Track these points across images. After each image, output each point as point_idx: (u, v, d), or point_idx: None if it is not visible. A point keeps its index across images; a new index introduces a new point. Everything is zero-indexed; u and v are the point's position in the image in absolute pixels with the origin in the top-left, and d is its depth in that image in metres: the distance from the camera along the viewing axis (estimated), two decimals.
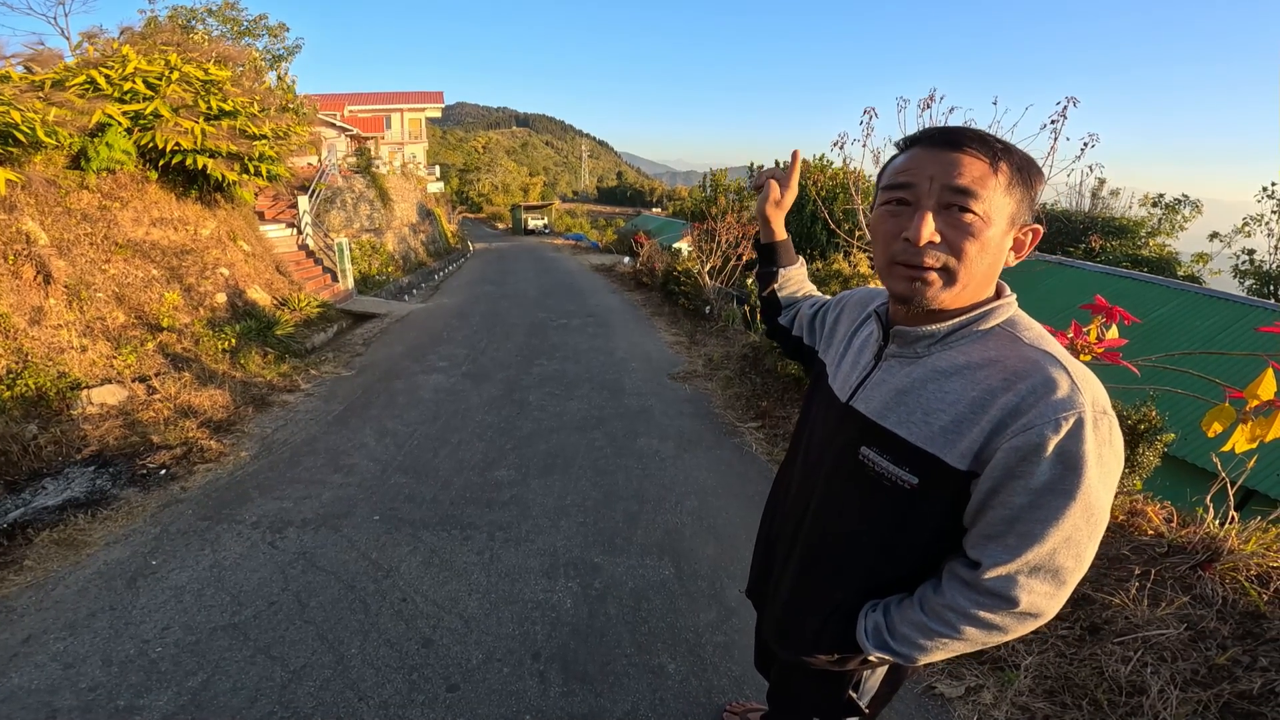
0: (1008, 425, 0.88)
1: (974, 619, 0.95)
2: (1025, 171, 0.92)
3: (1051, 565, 0.89)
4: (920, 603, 1.02)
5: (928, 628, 1.00)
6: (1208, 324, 9.94)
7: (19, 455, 4.12)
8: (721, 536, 3.61)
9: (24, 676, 2.46)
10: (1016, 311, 1.00)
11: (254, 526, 3.63)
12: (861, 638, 1.10)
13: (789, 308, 1.54)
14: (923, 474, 0.97)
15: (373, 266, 15.14)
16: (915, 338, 1.02)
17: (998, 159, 0.90)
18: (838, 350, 1.24)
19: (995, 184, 0.90)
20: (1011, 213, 0.93)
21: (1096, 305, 2.41)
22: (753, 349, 7.05)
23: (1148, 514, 3.09)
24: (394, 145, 33.42)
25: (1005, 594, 0.92)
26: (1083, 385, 0.87)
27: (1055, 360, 0.89)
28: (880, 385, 1.05)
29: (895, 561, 1.08)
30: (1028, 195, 0.93)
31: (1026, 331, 0.96)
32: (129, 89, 7.36)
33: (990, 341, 0.96)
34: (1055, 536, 0.87)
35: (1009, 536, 0.90)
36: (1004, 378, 0.91)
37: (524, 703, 2.40)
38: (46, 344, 5.14)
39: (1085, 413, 0.84)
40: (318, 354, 8.03)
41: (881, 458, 1.01)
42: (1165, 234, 21.44)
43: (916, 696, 2.42)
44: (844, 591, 1.14)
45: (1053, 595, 0.92)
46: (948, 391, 0.95)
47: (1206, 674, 2.21)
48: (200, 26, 18.33)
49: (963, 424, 0.92)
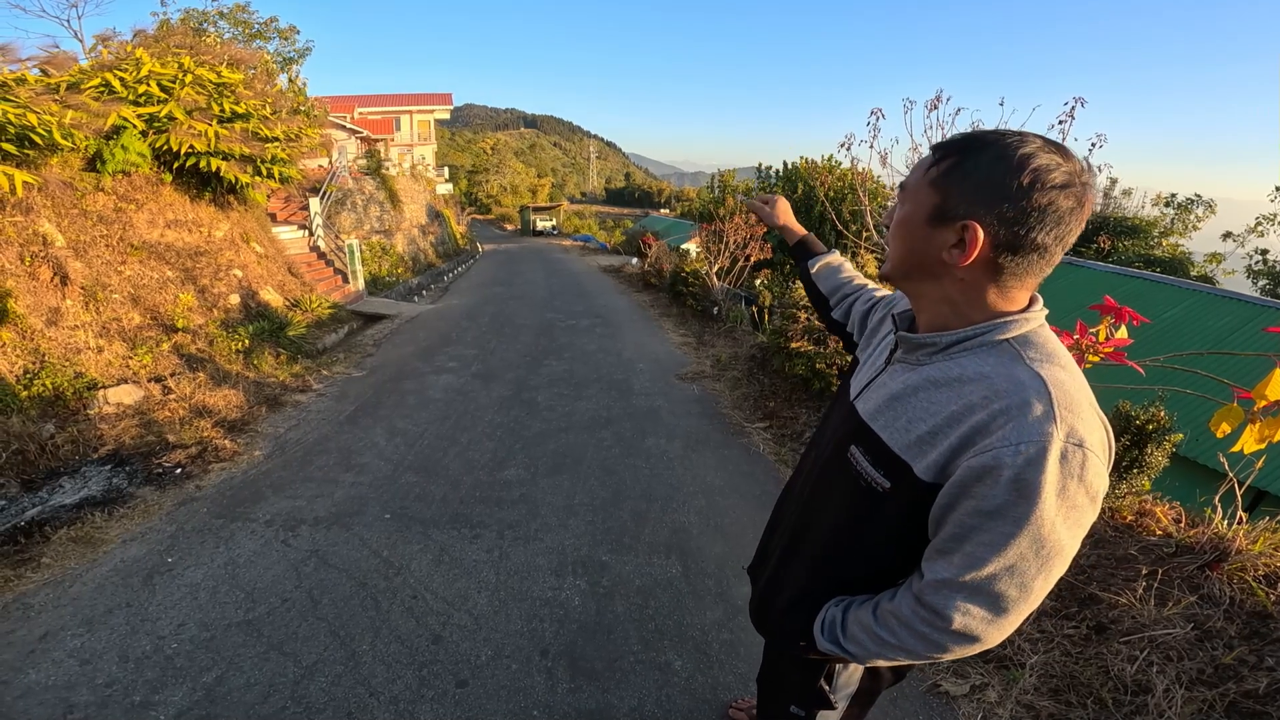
0: (973, 443, 0.86)
1: (913, 630, 0.97)
2: (976, 165, 0.89)
3: (991, 591, 0.88)
4: (875, 606, 1.04)
5: (874, 631, 1.02)
6: (1220, 324, 9.86)
7: (36, 454, 4.19)
8: (729, 536, 3.63)
9: (41, 673, 2.50)
10: (1035, 329, 0.94)
11: (268, 524, 3.68)
12: (816, 629, 1.12)
13: (840, 303, 1.54)
14: (894, 479, 0.98)
15: (383, 268, 15.24)
16: (917, 345, 1.02)
17: (943, 155, 0.93)
18: (868, 349, 1.27)
19: (925, 177, 0.94)
20: (936, 204, 0.92)
21: (1105, 305, 2.41)
22: (760, 350, 7.06)
23: (1156, 514, 3.09)
24: (403, 147, 33.61)
25: (941, 611, 0.92)
26: (1062, 414, 0.83)
27: (1042, 385, 0.85)
28: (881, 388, 1.07)
29: (864, 560, 1.09)
30: (971, 191, 0.89)
31: (1033, 351, 0.91)
32: (143, 92, 7.45)
33: (991, 357, 0.93)
34: (997, 563, 0.86)
35: (955, 555, 0.90)
36: (984, 395, 0.88)
37: (532, 699, 2.43)
38: (63, 344, 5.21)
39: (1052, 443, 0.81)
40: (329, 354, 8.10)
41: (864, 457, 1.03)
42: (1178, 234, 21.30)
43: (921, 694, 2.43)
44: (813, 582, 1.16)
45: (991, 622, 0.91)
46: (933, 402, 0.95)
47: (1212, 673, 2.21)
48: (212, 29, 18.51)
49: (936, 436, 0.92)
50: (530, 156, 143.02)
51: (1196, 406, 4.78)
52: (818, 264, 1.63)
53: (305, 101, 12.63)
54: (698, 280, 11.25)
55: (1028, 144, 0.87)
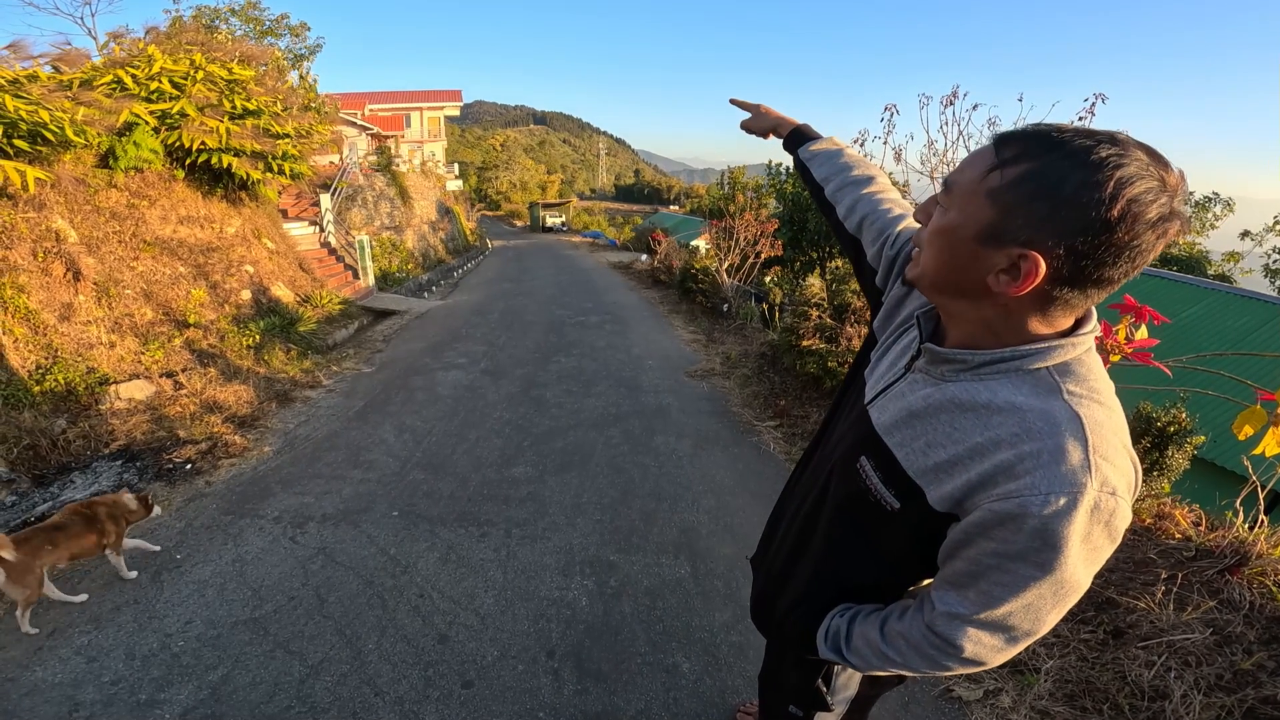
0: (996, 484, 0.79)
1: (920, 653, 0.95)
2: (1054, 180, 0.73)
3: (1005, 625, 0.86)
4: (882, 623, 1.02)
5: (879, 648, 1.00)
6: (1239, 324, 9.73)
7: (48, 449, 4.21)
8: (738, 536, 3.59)
9: (48, 670, 2.50)
10: (1081, 356, 0.84)
11: (276, 521, 3.68)
12: (820, 637, 1.10)
13: (850, 210, 1.36)
14: (905, 501, 0.93)
15: (393, 264, 15.28)
16: (944, 359, 0.92)
17: (1011, 162, 0.76)
18: (889, 338, 1.14)
19: (980, 182, 0.79)
20: (990, 220, 0.78)
21: (1125, 305, 2.36)
22: (770, 347, 7.01)
23: (1175, 517, 3.03)
24: (413, 144, 33.67)
25: (952, 640, 0.90)
26: (1097, 463, 0.75)
27: (1080, 428, 0.77)
28: (899, 399, 0.98)
29: (866, 571, 1.07)
30: (1042, 214, 0.74)
31: (1073, 384, 0.81)
32: (155, 88, 7.49)
33: (1025, 385, 0.83)
34: (1015, 603, 0.83)
35: (969, 590, 0.87)
36: (1015, 431, 0.80)
37: (538, 700, 2.41)
38: (76, 340, 5.24)
39: (1085, 494, 0.74)
40: (339, 350, 8.12)
41: (874, 473, 0.97)
42: (1195, 232, 21.04)
43: (933, 699, 2.39)
44: (815, 586, 1.14)
45: (1000, 650, 0.90)
46: (956, 428, 0.87)
47: (1231, 679, 2.17)
48: (224, 26, 18.59)
49: (956, 466, 0.84)
50: (540, 153, 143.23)
51: (1218, 408, 4.70)
52: (816, 146, 1.48)
53: (316, 98, 12.67)
54: (707, 277, 11.21)
55: (1128, 160, 0.71)
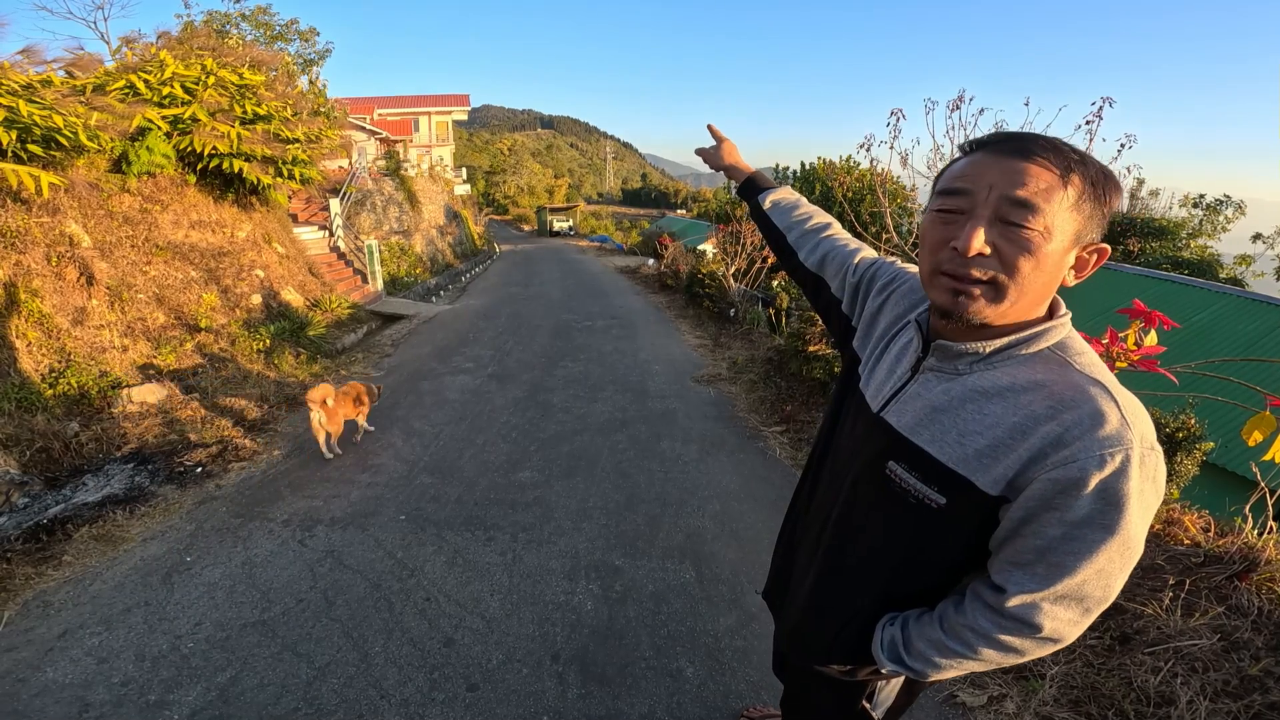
0: (1048, 455, 0.84)
1: (994, 641, 0.94)
2: (1100, 186, 0.86)
3: (1079, 594, 0.88)
4: (940, 621, 1.01)
5: (945, 646, 0.99)
6: (1250, 328, 9.63)
7: (60, 452, 4.26)
8: (744, 541, 3.60)
9: (59, 671, 2.53)
10: (1070, 334, 0.94)
11: (285, 524, 3.71)
12: (877, 651, 1.09)
13: (811, 251, 1.43)
14: (951, 495, 0.94)
15: (401, 268, 15.37)
16: (957, 354, 0.97)
17: (1070, 171, 0.84)
18: (874, 351, 1.17)
19: (1062, 198, 0.84)
20: (1077, 230, 0.86)
21: (1135, 310, 2.34)
22: (777, 352, 7.00)
23: (1184, 523, 3.02)
24: (422, 148, 33.89)
25: (1029, 620, 0.90)
26: (1133, 420, 0.83)
27: (1106, 391, 0.85)
28: (915, 399, 1.01)
29: (915, 577, 1.06)
30: (1099, 212, 0.87)
31: (1079, 357, 0.91)
32: (167, 93, 7.56)
33: (1038, 365, 0.91)
34: (1087, 569, 0.85)
35: (1039, 565, 0.88)
36: (1049, 405, 0.86)
37: (542, 704, 2.42)
38: (89, 344, 5.31)
39: (1133, 449, 0.81)
40: (348, 354, 8.17)
41: (909, 474, 0.98)
42: (1206, 235, 20.85)
43: (938, 705, 2.38)
44: (860, 602, 1.12)
45: (1077, 623, 0.91)
46: (987, 414, 0.91)
47: (1238, 685, 2.16)
48: (234, 31, 18.78)
49: (999, 449, 0.89)
50: (547, 157, 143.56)
51: (1227, 413, 4.67)
52: (769, 198, 1.54)
53: (325, 103, 12.76)
54: (714, 281, 11.20)
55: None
